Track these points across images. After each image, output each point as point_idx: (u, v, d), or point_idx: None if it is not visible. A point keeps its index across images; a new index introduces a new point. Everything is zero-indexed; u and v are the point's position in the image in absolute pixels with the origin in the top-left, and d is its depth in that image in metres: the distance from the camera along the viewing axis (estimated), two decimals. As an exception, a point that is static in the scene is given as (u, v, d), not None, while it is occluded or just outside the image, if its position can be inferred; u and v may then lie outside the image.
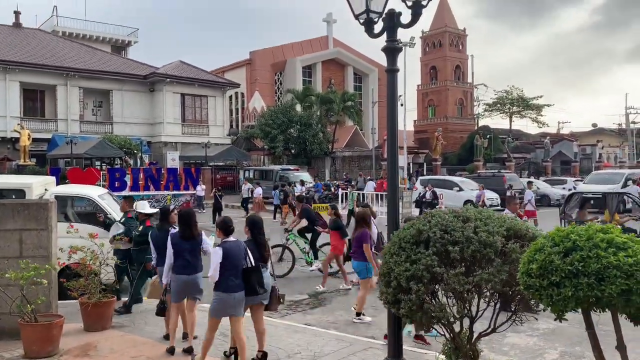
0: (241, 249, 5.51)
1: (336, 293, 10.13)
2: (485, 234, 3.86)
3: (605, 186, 25.95)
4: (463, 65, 70.81)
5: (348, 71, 64.03)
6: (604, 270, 3.07)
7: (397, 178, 4.98)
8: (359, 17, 4.84)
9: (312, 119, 42.24)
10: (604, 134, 67.70)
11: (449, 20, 69.58)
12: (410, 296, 3.93)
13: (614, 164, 56.59)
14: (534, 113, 67.18)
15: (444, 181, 29.18)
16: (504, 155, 53.27)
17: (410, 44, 36.55)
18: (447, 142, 59.46)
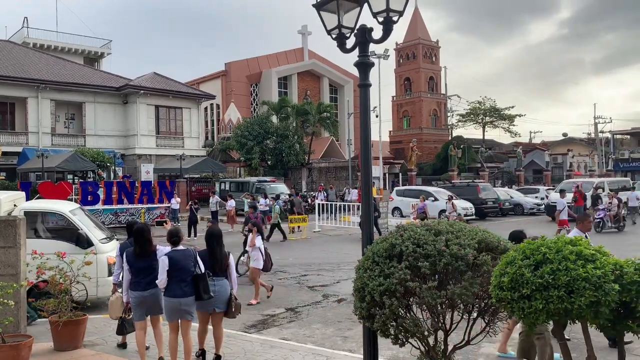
0: (188, 257, 5.99)
1: (313, 306, 10.08)
2: (457, 247, 3.89)
3: (576, 195, 26.51)
4: (436, 76, 71.82)
5: (324, 82, 64.35)
6: (573, 283, 3.12)
7: (371, 192, 4.99)
8: (332, 32, 4.87)
9: (288, 130, 42.23)
10: (574, 143, 69.21)
11: (422, 32, 70.61)
12: (384, 310, 3.93)
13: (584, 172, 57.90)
14: (507, 123, 68.34)
15: (419, 191, 29.40)
16: (478, 165, 54.08)
17: (384, 56, 36.95)
18: (422, 153, 60.07)
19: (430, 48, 71.52)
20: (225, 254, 6.48)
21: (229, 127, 50.02)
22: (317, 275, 13.16)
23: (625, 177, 46.79)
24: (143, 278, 6.08)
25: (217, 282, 6.19)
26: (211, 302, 6.10)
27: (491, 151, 63.79)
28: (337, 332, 8.27)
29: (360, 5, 4.71)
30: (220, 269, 6.30)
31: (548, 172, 55.43)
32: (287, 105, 45.23)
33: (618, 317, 3.33)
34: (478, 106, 67.28)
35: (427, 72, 70.58)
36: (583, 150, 66.00)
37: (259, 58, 61.54)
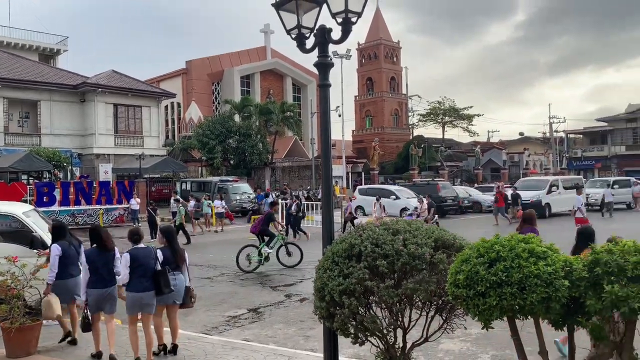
0: (149, 254, 6.38)
1: (275, 306, 10.05)
2: (414, 246, 3.96)
3: (532, 192, 27.34)
4: (398, 76, 72.71)
5: (287, 82, 64.23)
6: (525, 280, 3.20)
7: (332, 191, 5.01)
8: (291, 32, 4.86)
9: (251, 130, 41.97)
10: (530, 142, 71.26)
11: (383, 33, 71.33)
12: (343, 310, 3.95)
13: (539, 170, 59.69)
14: (465, 123, 69.75)
15: (381, 190, 29.73)
16: (438, 164, 55.03)
17: (346, 56, 37.17)
18: (384, 152, 60.73)
19: (391, 48, 72.34)
20: (181, 250, 6.89)
21: (190, 126, 49.34)
22: (279, 275, 13.13)
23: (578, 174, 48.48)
24: (102, 276, 6.40)
25: (176, 277, 6.56)
26: (170, 295, 6.48)
27: (451, 150, 65.03)
28: (299, 331, 8.27)
29: (320, 6, 4.72)
30: (178, 263, 6.68)
31: (505, 170, 56.94)
32: (249, 104, 44.95)
33: (568, 312, 3.44)
34: (438, 106, 68.48)
35: (388, 72, 71.37)
36: (539, 149, 68.04)
37: (221, 56, 60.92)
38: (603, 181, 34.76)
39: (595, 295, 3.14)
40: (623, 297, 3.00)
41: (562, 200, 27.94)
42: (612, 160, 64.54)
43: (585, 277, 3.23)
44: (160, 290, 6.28)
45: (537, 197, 26.83)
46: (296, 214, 20.68)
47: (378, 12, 72.30)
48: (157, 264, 6.37)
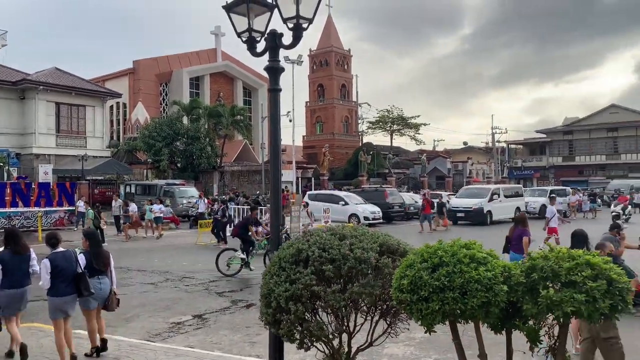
0: (69, 258, 6.40)
1: (221, 312, 9.91)
2: (360, 251, 4.00)
3: (474, 200, 28.22)
4: (348, 84, 73.51)
5: (237, 85, 63.65)
6: (467, 285, 3.30)
7: (280, 196, 5.00)
8: (242, 35, 4.83)
9: (199, 132, 41.30)
10: (474, 151, 73.59)
11: (334, 40, 71.99)
12: (289, 316, 3.94)
13: (482, 179, 61.72)
14: (412, 131, 71.26)
15: (330, 195, 29.92)
16: (386, 171, 55.97)
17: (298, 62, 37.27)
18: (334, 158, 61.15)
19: (342, 56, 73.09)
20: (106, 253, 7.00)
21: (136, 127, 48.02)
22: (226, 282, 12.96)
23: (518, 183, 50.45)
24: (16, 277, 6.44)
25: (101, 280, 6.72)
26: (95, 299, 6.61)
27: (398, 158, 66.28)
28: (245, 337, 8.19)
29: (271, 10, 4.72)
30: (104, 267, 6.80)
31: (450, 178, 58.59)
32: (198, 107, 44.24)
33: (507, 316, 3.56)
34: (386, 114, 69.69)
35: (339, 80, 72.04)
36: (481, 158, 70.35)
37: (170, 57, 59.71)
38: (541, 190, 36.26)
39: (532, 300, 3.27)
40: (557, 302, 3.14)
41: (503, 207, 29.00)
42: (549, 170, 67.59)
43: (523, 282, 3.36)
44: (81, 292, 6.35)
45: (480, 205, 27.70)
46: (221, 218, 19.99)
47: (330, 20, 72.93)
48: (78, 267, 6.42)
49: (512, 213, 29.58)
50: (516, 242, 10.12)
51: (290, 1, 4.42)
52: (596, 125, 65.43)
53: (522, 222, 10.22)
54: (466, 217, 27.99)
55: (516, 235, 10.17)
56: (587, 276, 3.16)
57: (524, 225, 10.12)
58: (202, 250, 18.71)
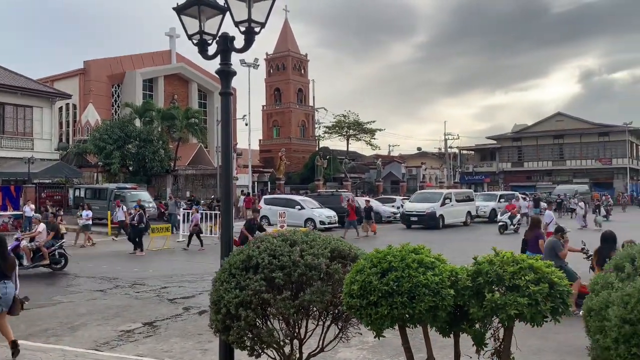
0: None
1: (172, 319, 9.69)
2: (311, 257, 3.99)
3: (427, 204, 28.74)
4: (305, 88, 73.72)
5: (192, 87, 62.71)
6: (415, 289, 3.34)
7: (231, 200, 4.93)
8: (192, 38, 4.76)
9: (152, 135, 40.41)
10: (427, 157, 75.11)
11: (291, 45, 72.09)
12: (239, 323, 3.89)
13: (435, 184, 62.98)
14: (368, 136, 72.13)
15: (286, 200, 29.85)
16: (342, 175, 56.34)
17: (254, 65, 37.07)
18: (291, 162, 61.11)
19: (299, 60, 73.26)
20: (12, 258, 7.06)
21: (86, 129, 46.57)
22: (178, 287, 12.70)
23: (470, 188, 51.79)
24: None
25: (7, 285, 6.73)
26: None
27: (354, 162, 66.88)
28: (197, 345, 8.04)
29: (223, 13, 4.66)
30: (9, 272, 6.81)
31: (404, 183, 59.54)
32: (151, 109, 43.30)
33: (454, 320, 3.63)
34: (343, 119, 70.26)
35: (296, 84, 72.16)
36: (435, 164, 71.87)
37: (122, 58, 58.27)
38: (491, 195, 37.30)
39: (478, 304, 3.34)
40: (501, 305, 3.22)
41: (455, 212, 29.69)
42: (499, 175, 69.67)
43: (469, 287, 3.43)
44: None
45: (432, 209, 28.22)
46: (137, 224, 18.82)
47: (287, 24, 72.98)
48: None
49: (464, 217, 30.39)
50: (533, 243, 10.91)
51: (242, 5, 4.38)
52: (543, 133, 67.91)
53: (537, 225, 11.15)
54: (419, 221, 28.47)
55: (533, 237, 11.01)
56: (530, 280, 3.25)
57: (538, 228, 11.09)
58: (153, 256, 18.30)
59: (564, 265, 9.43)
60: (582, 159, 65.54)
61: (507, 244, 20.34)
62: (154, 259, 17.41)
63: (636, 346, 3.02)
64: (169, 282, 13.27)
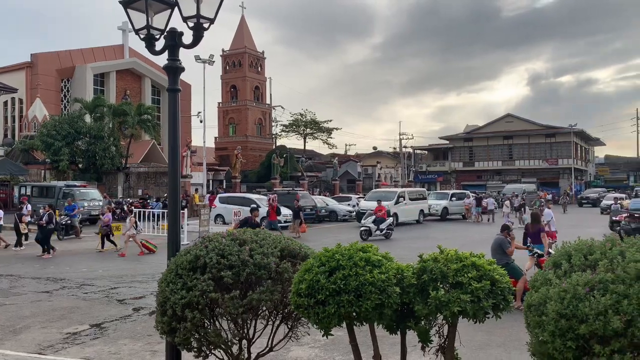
0: None
1: (121, 321, 9.45)
2: (260, 256, 3.96)
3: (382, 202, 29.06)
4: (262, 86, 73.30)
5: (145, 83, 61.32)
6: (361, 287, 3.37)
7: (179, 200, 4.84)
8: (140, 32, 4.64)
9: (103, 132, 39.34)
10: (383, 156, 76.06)
11: (248, 42, 71.49)
12: (185, 324, 3.83)
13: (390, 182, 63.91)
14: (325, 135, 72.39)
15: (242, 198, 29.60)
16: (299, 174, 56.33)
17: (209, 61, 36.56)
18: (247, 160, 60.67)
19: (256, 58, 72.76)
20: None
21: (33, 124, 44.85)
22: (129, 288, 12.39)
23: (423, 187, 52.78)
24: None
25: None
26: None
27: (311, 161, 67.03)
28: (146, 346, 7.86)
29: (171, 8, 4.57)
30: None
31: (360, 181, 60.13)
32: (102, 105, 42.10)
33: (401, 317, 3.68)
34: (300, 118, 70.25)
35: (252, 81, 71.64)
36: (390, 163, 72.88)
37: (73, 51, 56.39)
38: (443, 194, 38.10)
39: (423, 301, 3.40)
40: (445, 302, 3.29)
41: (408, 210, 30.19)
42: (452, 175, 71.26)
43: (414, 284, 3.49)
44: None
45: (387, 208, 28.56)
46: (46, 225, 17.58)
47: (243, 21, 72.32)
48: None
49: (417, 215, 30.94)
50: (534, 236, 11.79)
51: (191, 0, 4.31)
52: (493, 133, 69.86)
53: (537, 220, 12.07)
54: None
55: (535, 230, 11.88)
56: (473, 277, 3.34)
57: (538, 222, 12.01)
58: (104, 256, 17.79)
59: (510, 262, 9.73)
60: (530, 159, 67.81)
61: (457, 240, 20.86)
62: (105, 259, 16.94)
63: (571, 340, 3.14)
64: (119, 282, 12.94)
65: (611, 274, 3.19)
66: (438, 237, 22.14)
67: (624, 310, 2.99)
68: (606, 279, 3.17)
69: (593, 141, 78.10)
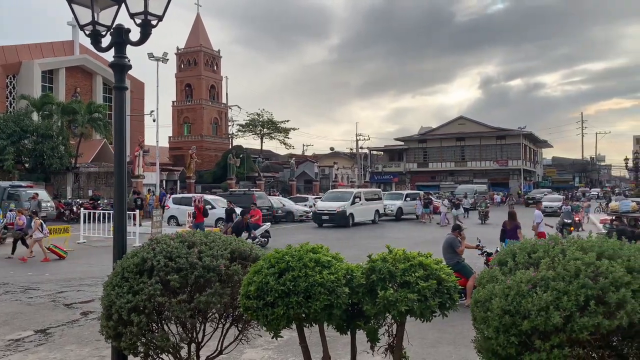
0: None
1: (68, 325, 9.14)
2: (209, 259, 3.91)
3: (338, 203, 29.29)
4: (218, 85, 72.45)
5: (97, 80, 59.56)
6: (311, 288, 3.37)
7: (125, 201, 4.71)
8: (85, 28, 4.49)
9: (51, 130, 37.98)
10: (339, 156, 76.62)
11: (204, 40, 70.55)
12: (131, 328, 3.73)
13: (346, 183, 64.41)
14: (282, 135, 72.16)
15: (195, 199, 29.08)
16: (256, 174, 55.98)
17: (163, 59, 35.87)
18: (203, 160, 59.80)
19: (212, 57, 71.87)
20: None
21: (-25, 122, 42.79)
22: (76, 292, 12.00)
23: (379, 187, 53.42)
24: None
25: None
26: None
27: (268, 161, 66.75)
28: (94, 351, 7.63)
29: (118, 4, 4.44)
30: None
31: (317, 182, 60.31)
32: (51, 102, 40.65)
33: (351, 317, 3.70)
34: (257, 118, 69.78)
35: (208, 80, 70.72)
36: (346, 163, 73.44)
37: (19, 47, 54.15)
38: (398, 194, 38.64)
39: (371, 301, 3.43)
40: (393, 301, 3.32)
41: (364, 210, 30.49)
42: (406, 175, 72.44)
43: (363, 284, 3.51)
44: None
45: (343, 208, 28.80)
46: None
47: (199, 19, 71.30)
48: None
49: (372, 215, 31.28)
50: (512, 232, 12.65)
51: (139, -4, 4.20)
52: (447, 135, 71.46)
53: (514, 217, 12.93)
54: (330, 220, 28.95)
55: (512, 227, 12.79)
56: (420, 276, 3.39)
57: (515, 219, 12.86)
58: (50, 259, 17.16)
59: (461, 261, 9.97)
60: (482, 160, 69.69)
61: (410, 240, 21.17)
62: (51, 262, 16.34)
63: (514, 335, 3.24)
64: (66, 286, 12.52)
65: (552, 272, 3.30)
66: (392, 237, 22.45)
67: (564, 306, 3.10)
68: (547, 276, 3.28)
69: (541, 143, 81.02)
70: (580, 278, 3.16)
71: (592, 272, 3.19)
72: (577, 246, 3.54)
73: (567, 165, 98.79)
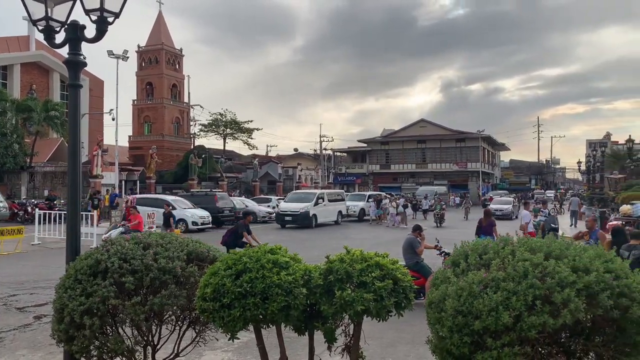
0: None
1: (20, 330, 8.85)
2: (165, 260, 3.86)
3: (302, 204, 29.30)
4: (180, 84, 71.42)
5: (54, 77, 57.76)
6: (268, 289, 3.37)
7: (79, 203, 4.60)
8: (38, 24, 4.37)
9: (5, 128, 36.71)
10: (303, 157, 76.65)
11: (165, 38, 69.45)
12: (84, 332, 3.65)
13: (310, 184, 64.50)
14: (245, 136, 71.69)
15: (155, 200, 28.64)
16: (218, 175, 55.42)
17: (123, 57, 35.15)
18: (164, 160, 58.84)
19: (174, 55, 70.81)
20: None
21: None
22: (30, 295, 11.62)
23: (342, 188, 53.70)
24: None
25: None
26: None
27: (231, 162, 66.16)
28: (47, 356, 7.41)
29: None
30: None
31: (280, 183, 60.16)
32: (4, 99, 39.24)
33: (309, 318, 3.71)
34: (220, 118, 69.09)
35: (170, 79, 69.64)
36: (310, 164, 73.53)
37: (-30, 41, 52.08)
38: (361, 195, 38.90)
39: (329, 301, 3.46)
40: (350, 302, 3.36)
41: (327, 211, 30.61)
42: (369, 177, 73.07)
43: (321, 285, 3.53)
44: None
45: (306, 209, 28.82)
46: None
47: (160, 17, 70.15)
48: None
49: (335, 216, 31.43)
50: (487, 228, 13.27)
51: (95, -8, 4.11)
52: (408, 137, 72.47)
53: (489, 215, 13.75)
54: (293, 221, 28.93)
55: (488, 224, 13.46)
56: (376, 277, 3.44)
57: (490, 217, 13.65)
58: (3, 261, 16.57)
59: (420, 260, 10.13)
60: (442, 162, 70.96)
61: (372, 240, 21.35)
62: (4, 264, 15.78)
63: (467, 335, 3.32)
64: (19, 289, 12.11)
65: (502, 272, 3.40)
66: (354, 238, 22.61)
67: (513, 306, 3.20)
68: (498, 277, 3.37)
69: (499, 146, 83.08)
70: (529, 278, 3.27)
71: (540, 273, 3.29)
72: (526, 247, 3.66)
73: (524, 167, 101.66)
